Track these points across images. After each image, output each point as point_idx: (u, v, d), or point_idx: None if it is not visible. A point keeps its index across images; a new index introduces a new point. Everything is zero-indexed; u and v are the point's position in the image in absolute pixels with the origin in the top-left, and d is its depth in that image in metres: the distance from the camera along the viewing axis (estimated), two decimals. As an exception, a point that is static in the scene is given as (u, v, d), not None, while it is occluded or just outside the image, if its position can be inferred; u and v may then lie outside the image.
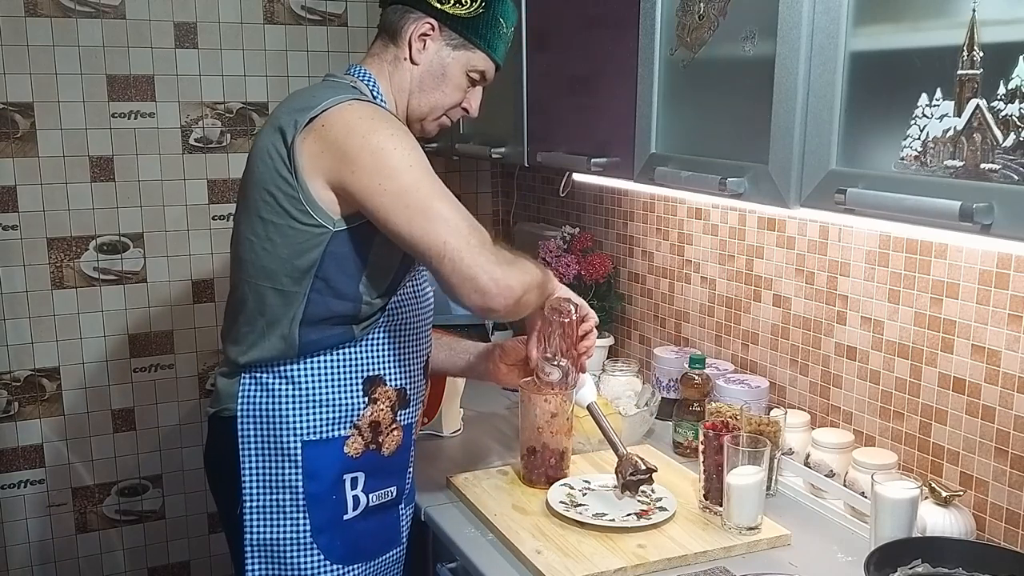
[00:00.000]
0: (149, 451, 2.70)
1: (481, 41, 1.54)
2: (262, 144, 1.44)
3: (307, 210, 1.39)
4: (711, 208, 2.06)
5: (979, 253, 1.48)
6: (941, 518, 1.44)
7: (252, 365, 1.47)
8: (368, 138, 1.36)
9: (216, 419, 1.53)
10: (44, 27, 2.40)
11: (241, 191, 1.51)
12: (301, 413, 1.46)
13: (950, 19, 1.10)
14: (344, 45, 2.71)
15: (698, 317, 2.15)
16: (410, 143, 1.40)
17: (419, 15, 1.51)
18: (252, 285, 1.47)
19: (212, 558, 2.82)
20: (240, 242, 1.49)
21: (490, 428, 2.10)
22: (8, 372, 2.51)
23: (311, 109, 1.39)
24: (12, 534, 2.58)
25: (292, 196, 1.39)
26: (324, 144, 1.37)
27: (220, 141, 2.63)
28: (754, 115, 1.39)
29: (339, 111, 1.39)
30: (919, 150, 1.14)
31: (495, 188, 3.05)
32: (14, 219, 2.45)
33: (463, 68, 1.55)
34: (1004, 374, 1.45)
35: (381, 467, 1.53)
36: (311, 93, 1.46)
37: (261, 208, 1.43)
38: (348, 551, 1.50)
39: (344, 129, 1.37)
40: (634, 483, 1.61)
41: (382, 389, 1.51)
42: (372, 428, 1.50)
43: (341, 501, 1.49)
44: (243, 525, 1.48)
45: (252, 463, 1.47)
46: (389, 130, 1.38)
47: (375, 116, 1.40)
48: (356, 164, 1.36)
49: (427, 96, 1.55)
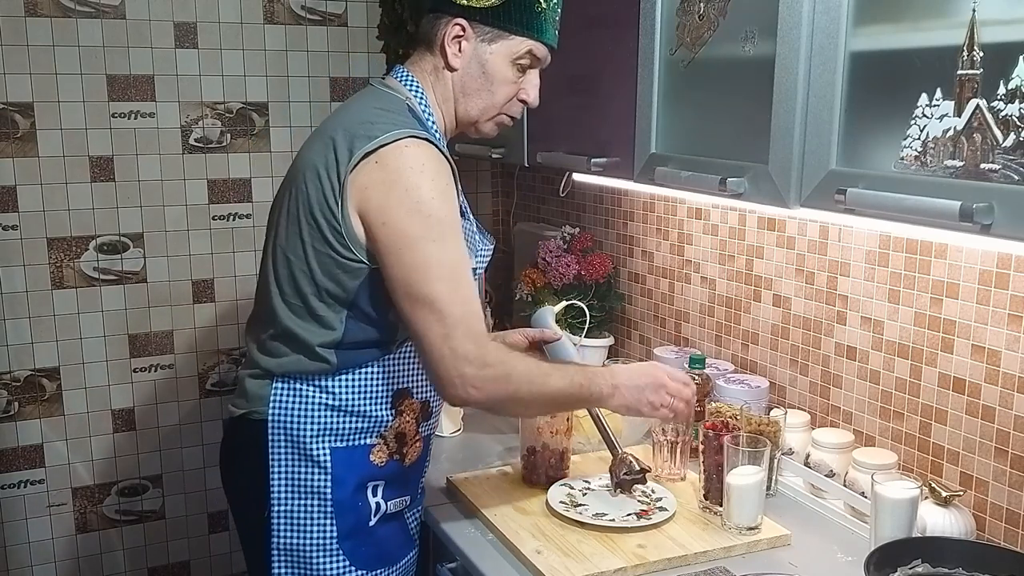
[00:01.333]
0: (149, 451, 2.70)
1: (517, 26, 1.46)
2: (312, 159, 1.41)
3: (348, 244, 1.38)
4: (711, 208, 2.06)
5: (979, 253, 1.48)
6: (941, 518, 1.44)
7: (287, 375, 1.46)
8: (410, 193, 1.34)
9: (244, 421, 1.50)
10: (44, 27, 2.40)
11: (284, 199, 1.47)
12: (332, 421, 1.45)
13: (950, 19, 1.10)
14: (344, 45, 2.71)
15: (698, 317, 2.14)
16: (449, 203, 1.38)
17: (447, 18, 1.46)
18: (288, 304, 1.45)
19: (212, 558, 2.82)
20: (277, 255, 1.46)
21: (490, 428, 2.10)
22: (8, 372, 2.51)
23: (369, 139, 1.36)
24: (12, 534, 2.58)
25: (336, 229, 1.38)
26: (371, 182, 1.35)
27: (220, 141, 2.63)
28: (754, 115, 1.39)
29: (395, 150, 1.36)
30: (919, 150, 1.14)
31: (495, 188, 3.05)
32: (14, 219, 2.45)
33: (506, 59, 1.48)
34: (1004, 374, 1.45)
35: (400, 476, 1.53)
36: (368, 115, 1.42)
37: (304, 230, 1.41)
38: (372, 557, 1.50)
39: (394, 173, 1.35)
40: (627, 482, 1.62)
41: (408, 402, 1.51)
42: (398, 439, 1.50)
43: (365, 508, 1.49)
44: (270, 530, 1.47)
45: (281, 468, 1.46)
46: (433, 188, 1.36)
47: (425, 167, 1.37)
48: (388, 216, 1.35)
49: (474, 99, 1.51)
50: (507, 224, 2.99)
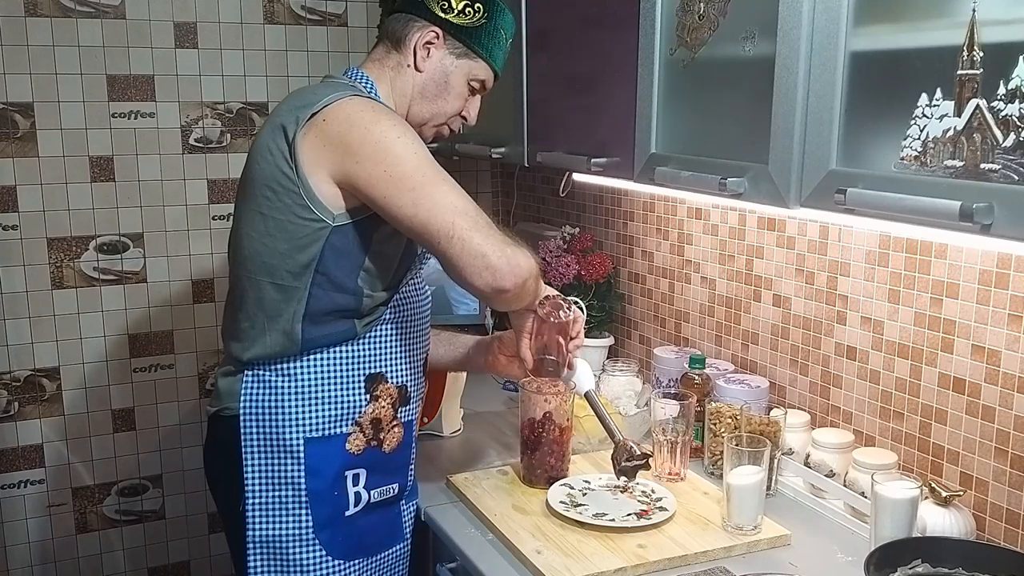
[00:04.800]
0: (149, 451, 2.70)
1: (483, 50, 1.57)
2: (262, 142, 1.45)
3: (307, 204, 1.40)
4: (711, 208, 2.06)
5: (979, 253, 1.48)
6: (941, 518, 1.44)
7: (254, 362, 1.48)
8: (370, 129, 1.38)
9: (217, 418, 1.54)
10: (44, 27, 2.40)
11: (240, 188, 1.52)
12: (304, 410, 1.47)
13: (950, 19, 1.10)
14: (344, 45, 2.71)
15: (698, 317, 2.14)
16: (411, 133, 1.43)
17: (424, 23, 1.54)
18: (252, 281, 1.47)
19: (212, 558, 2.82)
20: (239, 238, 1.50)
21: (490, 428, 2.10)
22: (8, 372, 2.51)
23: (312, 105, 1.41)
24: (12, 534, 2.58)
25: (293, 191, 1.40)
26: (326, 138, 1.39)
27: (220, 141, 2.63)
28: (754, 115, 1.38)
29: (340, 106, 1.40)
30: (919, 150, 1.14)
31: (495, 188, 3.05)
32: (14, 219, 2.45)
33: (465, 76, 1.58)
34: (1004, 374, 1.45)
35: (383, 464, 1.54)
36: (311, 91, 1.47)
37: (261, 204, 1.44)
38: (350, 547, 1.51)
39: (346, 122, 1.39)
40: (630, 468, 1.61)
41: (384, 387, 1.52)
42: (373, 425, 1.51)
43: (343, 497, 1.50)
44: (245, 522, 1.48)
45: (254, 460, 1.48)
46: (390, 121, 1.41)
47: (375, 109, 1.43)
48: (360, 154, 1.37)
49: (429, 103, 1.58)
50: (507, 224, 2.99)
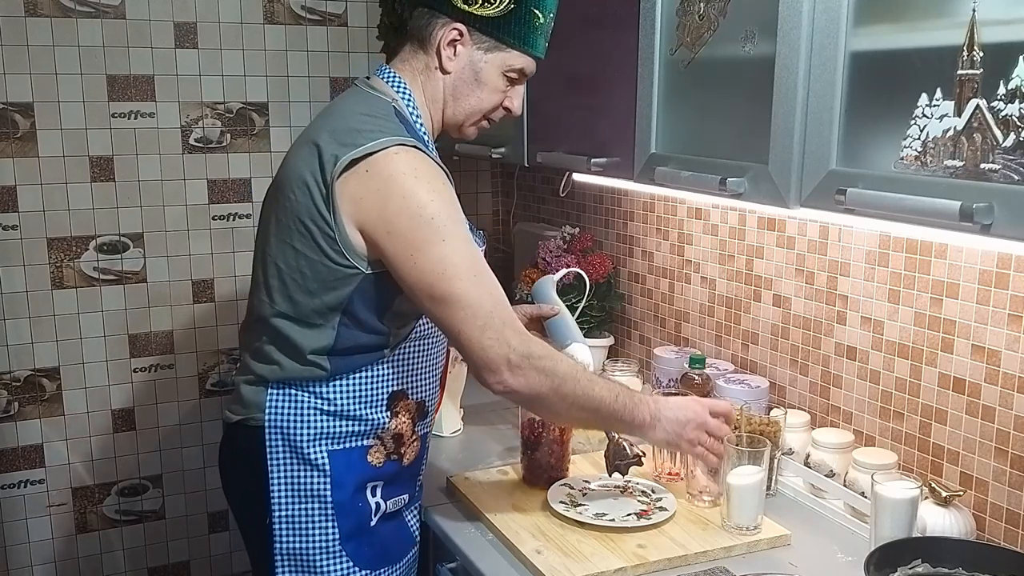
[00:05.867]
0: (149, 451, 2.70)
1: (515, 40, 1.46)
2: (298, 167, 1.40)
3: (342, 251, 1.37)
4: (711, 208, 2.06)
5: (979, 253, 1.48)
6: (941, 518, 1.44)
7: (281, 381, 1.46)
8: (408, 200, 1.34)
9: (241, 427, 1.50)
10: (44, 27, 2.40)
11: (272, 207, 1.46)
12: (329, 425, 1.45)
13: (950, 19, 1.10)
14: (344, 45, 2.71)
15: (698, 317, 2.14)
16: (449, 204, 1.37)
17: (446, 20, 1.45)
18: (280, 312, 1.44)
19: (212, 558, 2.82)
20: (267, 264, 1.46)
21: (490, 428, 2.10)
22: (8, 372, 2.51)
23: (355, 147, 1.34)
24: (12, 534, 2.58)
25: (329, 236, 1.37)
26: (365, 191, 1.34)
27: (220, 141, 2.63)
28: (754, 115, 1.39)
29: (386, 158, 1.35)
30: (919, 150, 1.14)
31: (495, 188, 3.05)
32: (14, 219, 2.45)
33: (499, 70, 1.48)
34: (1004, 374, 1.45)
35: (399, 475, 1.54)
36: (354, 121, 1.40)
37: (295, 239, 1.40)
38: (375, 556, 1.51)
39: (388, 181, 1.34)
40: (623, 467, 1.62)
41: (404, 403, 1.51)
42: (395, 440, 1.51)
43: (366, 508, 1.49)
44: (272, 536, 1.47)
45: (281, 473, 1.46)
46: (430, 190, 1.36)
47: (418, 172, 1.36)
48: (392, 225, 1.34)
49: (463, 103, 1.50)
50: (507, 224, 2.99)
